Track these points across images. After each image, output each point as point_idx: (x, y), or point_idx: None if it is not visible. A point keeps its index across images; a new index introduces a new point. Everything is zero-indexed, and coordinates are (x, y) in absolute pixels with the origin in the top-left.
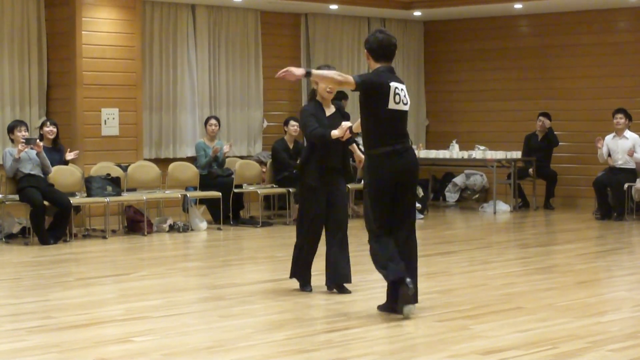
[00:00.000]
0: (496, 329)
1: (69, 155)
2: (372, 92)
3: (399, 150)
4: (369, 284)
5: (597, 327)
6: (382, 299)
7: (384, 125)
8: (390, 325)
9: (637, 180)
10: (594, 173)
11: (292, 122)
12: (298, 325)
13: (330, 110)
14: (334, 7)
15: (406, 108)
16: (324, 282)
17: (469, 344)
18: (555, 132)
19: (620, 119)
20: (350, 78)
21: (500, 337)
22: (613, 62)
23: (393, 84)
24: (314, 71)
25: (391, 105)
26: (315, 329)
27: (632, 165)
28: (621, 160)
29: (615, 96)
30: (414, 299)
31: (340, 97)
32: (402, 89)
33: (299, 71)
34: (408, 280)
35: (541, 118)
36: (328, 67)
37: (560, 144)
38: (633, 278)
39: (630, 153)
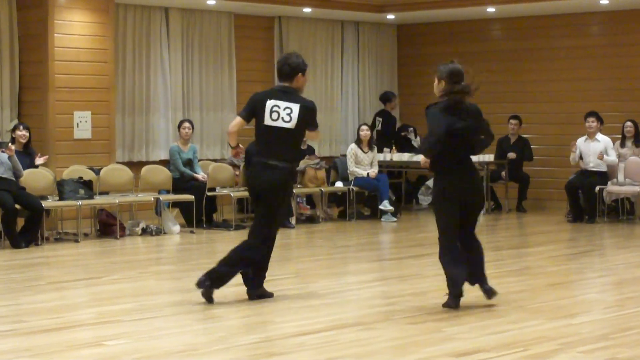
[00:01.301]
0: (468, 331)
1: (39, 160)
2: (253, 108)
3: (265, 165)
4: (341, 287)
5: (568, 329)
6: (354, 302)
7: (260, 139)
8: (363, 328)
9: (609, 182)
10: (566, 176)
11: None
12: (270, 328)
13: None
14: (307, 10)
15: (286, 126)
16: (283, 287)
17: (441, 346)
18: (527, 136)
19: (592, 122)
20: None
21: (472, 339)
22: (585, 66)
23: (271, 102)
24: None
25: (267, 121)
26: (287, 332)
27: (603, 168)
28: (593, 163)
29: (587, 99)
30: None
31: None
32: (284, 107)
33: None
34: None
35: (512, 121)
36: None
37: (532, 146)
38: (604, 280)
39: (600, 156)
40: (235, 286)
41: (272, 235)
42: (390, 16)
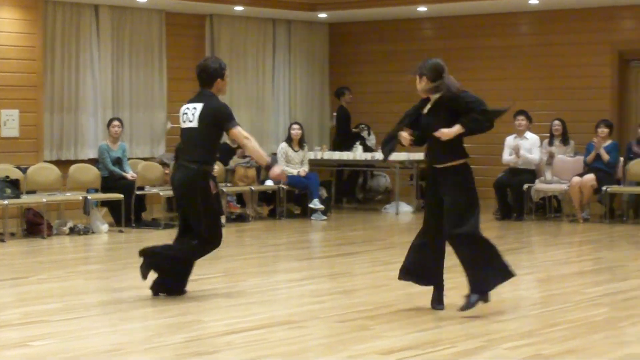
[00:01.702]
0: (396, 329)
1: None
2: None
3: (178, 165)
4: (270, 286)
5: (494, 326)
6: (283, 300)
7: (181, 142)
8: (291, 326)
9: (537, 181)
10: (495, 174)
11: None
12: (199, 327)
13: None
14: (239, 8)
15: (190, 125)
16: (212, 286)
17: (370, 344)
18: None
19: (521, 120)
20: None
21: (400, 336)
22: (514, 65)
23: (184, 107)
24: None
25: (181, 125)
26: (216, 331)
27: (531, 166)
28: (521, 161)
29: (516, 98)
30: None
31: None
32: (192, 108)
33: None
34: None
35: None
36: None
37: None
38: (531, 277)
39: (517, 150)
40: None
41: (204, 235)
42: (322, 15)
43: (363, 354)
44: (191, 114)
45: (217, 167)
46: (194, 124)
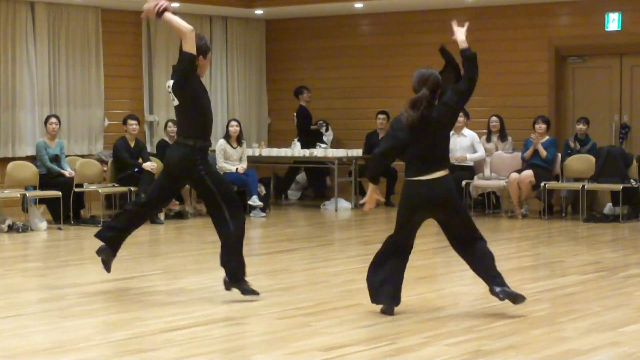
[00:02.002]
0: (336, 326)
1: None
2: None
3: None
4: (210, 283)
5: (435, 322)
6: (223, 297)
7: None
8: (231, 323)
9: (475, 177)
10: None
11: (130, 121)
12: (138, 324)
13: None
14: (175, 5)
15: (175, 103)
16: (152, 283)
17: (310, 341)
18: None
19: (459, 116)
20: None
21: (340, 333)
22: None
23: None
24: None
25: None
26: (155, 328)
27: (470, 163)
28: (457, 161)
29: None
30: None
31: None
32: (168, 87)
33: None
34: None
35: (380, 117)
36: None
37: None
38: (471, 273)
39: (463, 159)
40: (103, 283)
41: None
42: (259, 11)
43: (303, 350)
44: (172, 94)
45: (156, 165)
46: (175, 101)
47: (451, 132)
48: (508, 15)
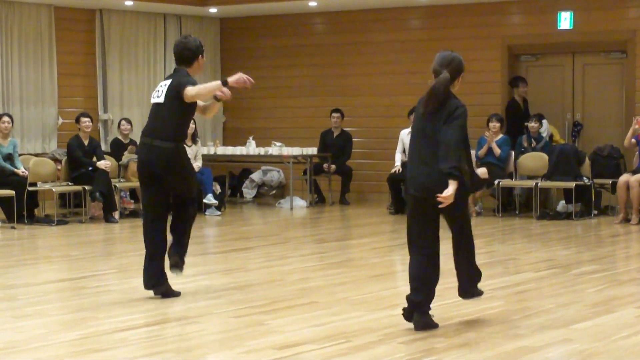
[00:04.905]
0: (291, 324)
1: None
2: None
3: (141, 143)
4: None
5: (389, 320)
6: (177, 297)
7: (148, 118)
8: (186, 322)
9: None
10: (388, 168)
11: (83, 119)
12: (93, 324)
13: None
14: (129, 3)
15: (156, 100)
16: (107, 282)
17: (264, 339)
18: (349, 129)
19: None
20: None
21: (295, 331)
22: (406, 60)
23: (160, 84)
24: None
25: (151, 101)
26: (110, 327)
27: None
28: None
29: (408, 93)
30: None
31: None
32: (163, 85)
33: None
34: None
35: (334, 115)
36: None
37: (354, 140)
38: None
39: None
40: (57, 282)
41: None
42: (213, 9)
43: (258, 349)
44: (161, 90)
45: (110, 163)
46: (160, 100)
47: (408, 131)
48: (461, 14)
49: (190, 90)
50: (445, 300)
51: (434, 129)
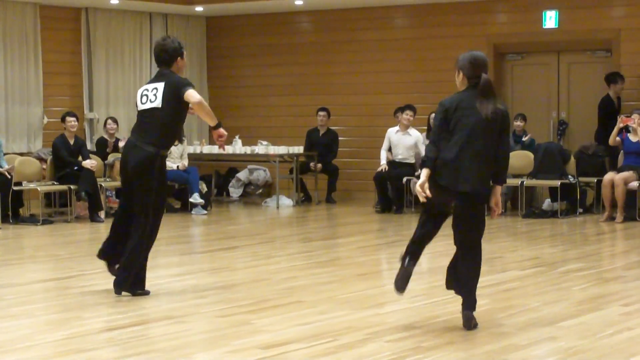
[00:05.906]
0: (277, 323)
1: None
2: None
3: (128, 140)
4: (151, 281)
5: (375, 319)
6: (164, 295)
7: (135, 124)
8: (171, 322)
9: (416, 174)
10: (375, 167)
11: (68, 118)
12: (78, 324)
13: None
14: (115, 1)
15: (151, 105)
16: (92, 282)
17: (251, 339)
18: (336, 128)
19: (410, 115)
20: None
21: (281, 330)
22: (392, 58)
23: (142, 88)
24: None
25: (139, 107)
26: (96, 327)
27: (411, 160)
28: (401, 155)
29: (394, 92)
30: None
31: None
32: (152, 89)
33: None
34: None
35: (320, 113)
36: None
37: (340, 138)
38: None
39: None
40: (42, 282)
41: (150, 226)
42: (199, 8)
43: (244, 348)
44: (152, 94)
45: (96, 162)
46: (157, 104)
47: (396, 130)
48: (447, 13)
49: (195, 96)
50: (432, 298)
51: (492, 134)
